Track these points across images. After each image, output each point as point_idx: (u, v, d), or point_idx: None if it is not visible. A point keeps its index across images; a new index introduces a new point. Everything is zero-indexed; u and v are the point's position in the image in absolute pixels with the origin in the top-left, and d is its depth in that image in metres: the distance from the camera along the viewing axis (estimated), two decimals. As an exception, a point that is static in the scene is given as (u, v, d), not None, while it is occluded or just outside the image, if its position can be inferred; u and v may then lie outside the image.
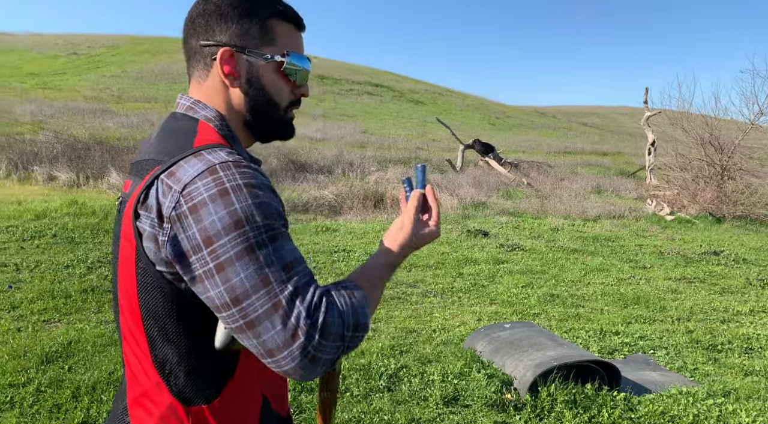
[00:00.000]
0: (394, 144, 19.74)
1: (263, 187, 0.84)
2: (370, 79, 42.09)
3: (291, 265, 0.82)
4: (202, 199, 0.80)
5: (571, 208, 11.05)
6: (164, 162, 0.86)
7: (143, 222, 0.84)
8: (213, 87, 0.97)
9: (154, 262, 0.85)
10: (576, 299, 5.37)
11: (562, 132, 36.84)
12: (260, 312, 0.79)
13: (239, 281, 0.79)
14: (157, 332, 0.89)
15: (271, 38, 0.96)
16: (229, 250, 0.79)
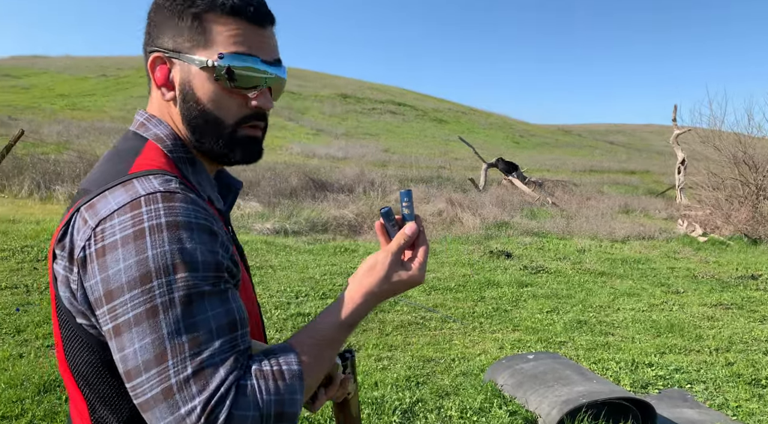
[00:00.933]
0: (416, 163, 19.60)
1: (194, 229, 0.66)
2: (393, 98, 42.24)
3: (203, 338, 0.63)
4: (112, 241, 0.64)
5: (598, 229, 10.71)
6: (91, 192, 0.71)
7: (58, 263, 0.70)
8: (156, 99, 0.82)
9: (72, 312, 0.70)
10: (605, 326, 5.08)
11: (588, 150, 36.31)
12: (149, 397, 0.62)
13: (132, 353, 0.62)
14: (91, 393, 0.73)
15: (206, 39, 0.77)
16: (129, 310, 0.63)
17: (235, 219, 9.25)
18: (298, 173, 12.75)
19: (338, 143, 22.71)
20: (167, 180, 0.71)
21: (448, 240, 9.26)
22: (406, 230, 0.81)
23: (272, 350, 0.71)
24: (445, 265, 7.31)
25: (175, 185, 0.70)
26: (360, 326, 4.69)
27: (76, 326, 0.71)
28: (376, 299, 0.79)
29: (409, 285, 0.81)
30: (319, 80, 44.88)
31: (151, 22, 0.81)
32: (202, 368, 0.63)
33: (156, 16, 0.80)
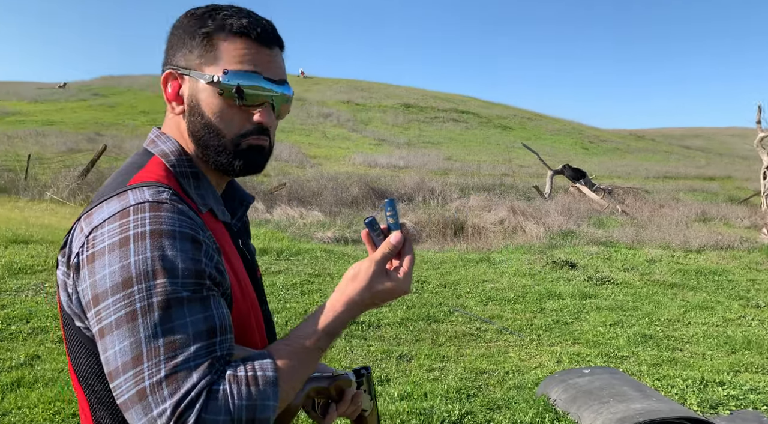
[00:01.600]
0: (479, 170, 19.36)
1: (177, 237, 0.69)
2: (456, 106, 42.00)
3: (179, 342, 0.66)
4: (101, 248, 0.69)
5: (671, 238, 10.15)
6: (93, 202, 0.76)
7: (59, 269, 0.76)
8: (168, 115, 0.88)
9: (71, 316, 0.76)
10: (673, 341, 4.80)
11: (662, 156, 34.58)
12: (126, 397, 0.65)
13: (113, 355, 0.66)
14: (90, 393, 0.78)
15: (214, 56, 0.82)
16: (111, 314, 0.66)
17: (297, 228, 9.49)
18: (359, 183, 12.92)
19: (400, 152, 22.82)
20: (159, 191, 0.74)
21: (509, 250, 9.07)
22: (391, 239, 0.80)
23: (250, 356, 0.72)
24: (505, 275, 7.17)
25: (165, 196, 0.73)
26: (413, 336, 4.68)
27: (75, 329, 0.76)
28: (358, 308, 0.79)
29: (393, 295, 0.80)
30: (382, 91, 45.35)
31: (168, 43, 0.87)
32: (175, 371, 0.65)
33: (172, 37, 0.86)
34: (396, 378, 3.79)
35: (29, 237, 7.02)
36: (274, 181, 13.15)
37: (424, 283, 6.44)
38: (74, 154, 16.32)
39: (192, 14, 0.85)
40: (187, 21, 0.84)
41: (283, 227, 9.43)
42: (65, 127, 23.31)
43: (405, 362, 4.13)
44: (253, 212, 10.33)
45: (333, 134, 27.87)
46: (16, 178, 11.95)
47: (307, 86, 45.51)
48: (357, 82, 50.79)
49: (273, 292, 5.68)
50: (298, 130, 28.09)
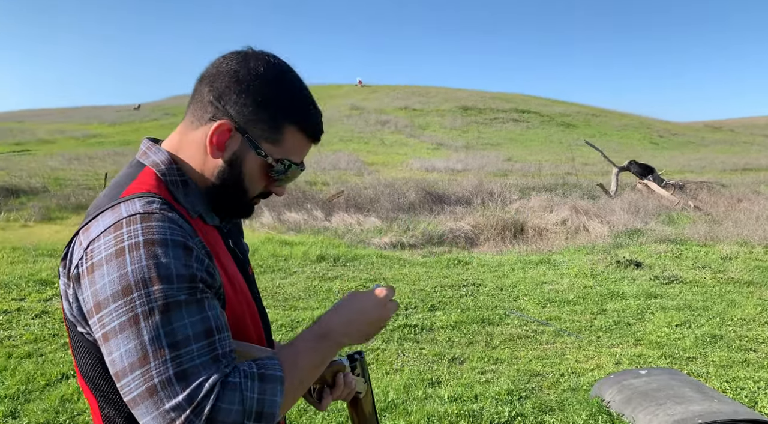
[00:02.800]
0: (540, 170, 18.91)
1: (168, 245, 0.74)
2: (516, 106, 41.24)
3: (181, 342, 0.72)
4: (99, 259, 0.74)
5: (750, 233, 9.51)
6: (90, 215, 0.83)
7: (61, 280, 0.82)
8: (197, 141, 0.90)
9: (74, 322, 0.82)
10: (746, 342, 4.51)
11: (742, 147, 32.46)
12: (135, 395, 0.71)
13: (119, 356, 0.72)
14: (97, 393, 0.85)
15: (277, 139, 0.89)
16: (114, 319, 0.72)
17: (355, 234, 9.63)
18: (416, 188, 12.93)
19: (458, 156, 22.66)
20: (149, 201, 0.79)
21: (571, 250, 8.80)
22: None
23: (260, 358, 0.80)
24: (565, 276, 6.97)
25: (155, 206, 0.78)
26: (467, 338, 4.65)
27: (78, 334, 0.83)
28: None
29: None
30: (440, 95, 45.22)
31: (228, 82, 0.87)
32: (182, 368, 0.71)
33: (239, 85, 0.86)
34: (447, 380, 3.78)
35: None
36: (333, 190, 13.39)
37: (480, 286, 6.37)
38: (148, 172, 17.28)
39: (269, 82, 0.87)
40: (261, 86, 0.86)
41: (341, 234, 9.59)
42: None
43: (457, 364, 4.11)
44: (312, 220, 10.58)
45: (391, 141, 28.06)
46: (95, 196, 12.81)
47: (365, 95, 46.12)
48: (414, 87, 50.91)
49: (329, 297, 5.80)
50: (357, 138, 28.48)
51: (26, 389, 3.55)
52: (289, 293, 5.92)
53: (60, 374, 3.75)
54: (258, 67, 0.87)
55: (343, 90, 51.14)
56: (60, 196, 12.08)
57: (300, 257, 7.53)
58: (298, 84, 0.91)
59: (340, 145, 25.91)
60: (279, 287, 6.13)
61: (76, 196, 12.22)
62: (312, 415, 3.21)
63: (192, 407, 0.69)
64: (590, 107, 46.95)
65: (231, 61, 0.88)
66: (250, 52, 0.90)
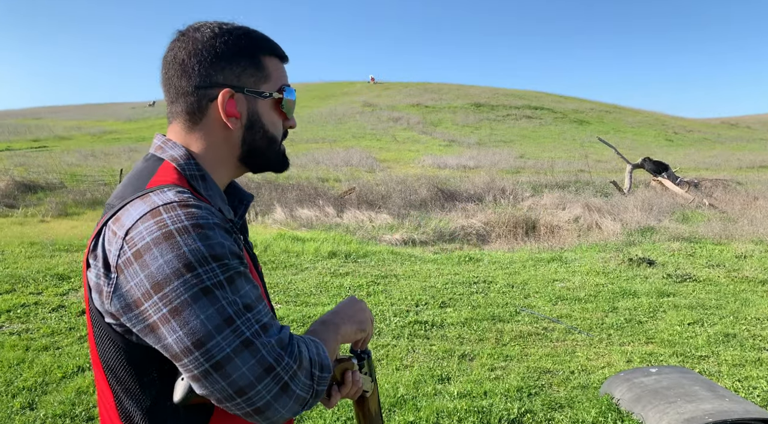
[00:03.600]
0: (552, 167, 18.80)
1: (213, 227, 0.79)
2: (528, 102, 40.98)
3: (253, 304, 0.79)
4: (145, 244, 0.76)
5: (766, 232, 9.40)
6: (115, 206, 0.84)
7: (92, 271, 0.82)
8: (207, 128, 0.93)
9: (102, 314, 0.83)
10: (759, 341, 4.47)
11: (760, 144, 32.00)
12: (228, 351, 0.75)
13: (200, 323, 0.74)
14: (117, 386, 0.86)
15: (266, 75, 0.95)
16: (182, 293, 0.74)
17: (366, 231, 9.66)
18: (428, 185, 12.93)
19: (470, 152, 22.58)
20: (180, 191, 0.82)
21: (583, 248, 8.76)
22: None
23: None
24: (577, 274, 6.94)
25: (187, 196, 0.82)
26: (477, 335, 4.66)
27: (105, 325, 0.84)
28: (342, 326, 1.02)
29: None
30: (453, 92, 45.07)
31: (197, 60, 0.90)
32: (262, 323, 0.79)
33: (207, 55, 0.90)
34: (456, 377, 3.80)
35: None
36: (344, 186, 13.43)
37: (491, 283, 6.37)
38: (162, 168, 17.45)
39: (224, 35, 0.91)
40: (223, 41, 0.90)
41: (352, 230, 9.63)
42: (154, 143, 24.96)
43: (467, 361, 4.12)
44: (324, 217, 10.62)
45: (403, 137, 28.04)
46: (111, 191, 12.99)
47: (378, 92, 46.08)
48: (427, 84, 50.79)
49: (340, 293, 5.83)
50: (369, 135, 28.49)
51: (43, 381, 3.62)
52: (301, 288, 5.96)
53: (76, 366, 3.82)
54: (204, 31, 0.91)
55: (356, 87, 51.10)
56: (76, 192, 12.25)
57: (312, 253, 7.57)
58: (232, 22, 0.95)
59: (352, 141, 25.95)
60: (291, 283, 6.17)
61: (92, 191, 12.37)
62: (321, 410, 3.24)
63: (284, 349, 0.79)
64: (604, 104, 46.53)
65: (180, 47, 0.91)
66: (183, 30, 0.94)
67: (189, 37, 0.91)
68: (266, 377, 0.76)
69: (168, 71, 0.92)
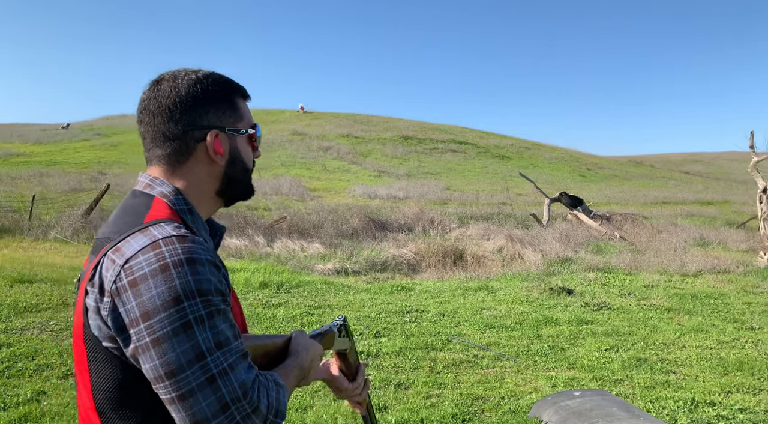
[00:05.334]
0: (477, 200, 19.56)
1: (205, 263, 0.86)
2: (454, 137, 42.54)
3: (225, 342, 0.86)
4: (142, 274, 0.83)
5: (669, 263, 10.25)
6: (114, 239, 0.90)
7: (89, 297, 0.88)
8: (192, 166, 1.01)
9: (99, 337, 0.88)
10: (667, 364, 4.88)
11: (661, 181, 34.83)
12: (194, 385, 0.82)
13: (175, 356, 0.82)
14: (108, 408, 0.90)
15: (239, 115, 1.07)
16: (166, 325, 0.81)
17: (298, 261, 9.62)
18: (359, 214, 13.08)
19: (399, 183, 23.07)
20: (177, 226, 0.90)
21: (507, 277, 9.16)
22: None
23: (265, 372, 0.96)
24: (503, 303, 7.25)
25: (183, 231, 0.90)
26: (411, 364, 4.76)
27: (101, 349, 0.88)
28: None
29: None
30: (382, 124, 45.99)
31: (183, 107, 0.99)
32: (229, 362, 0.85)
33: (191, 101, 0.99)
34: (393, 405, 3.87)
35: (34, 276, 7.15)
36: (275, 215, 13.32)
37: (423, 312, 6.53)
38: (77, 194, 16.56)
39: (203, 82, 1.01)
40: (203, 88, 1.01)
41: (284, 260, 9.55)
42: (68, 167, 23.68)
43: (403, 389, 4.21)
44: (254, 247, 10.47)
45: (333, 167, 28.21)
46: (21, 219, 12.13)
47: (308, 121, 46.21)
48: (356, 115, 51.52)
49: (273, 324, 5.77)
50: (299, 164, 28.45)
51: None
52: (233, 320, 5.85)
53: None
54: (184, 80, 1.00)
55: (285, 115, 51.04)
56: (-20, 218, 11.36)
57: (242, 284, 7.45)
58: (201, 69, 1.05)
59: (281, 169, 25.80)
60: (222, 314, 6.04)
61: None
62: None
63: (243, 393, 0.85)
64: (523, 140, 49.07)
65: (165, 95, 0.99)
66: (165, 76, 1.02)
67: (170, 87, 1.00)
68: (221, 414, 0.83)
69: (153, 119, 1.00)
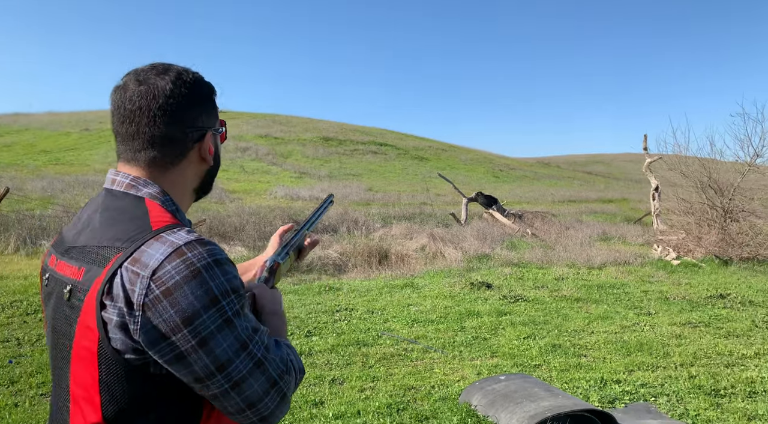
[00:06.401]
0: (399, 200, 19.97)
1: (228, 262, 0.92)
2: (374, 138, 43.02)
3: (257, 326, 0.94)
4: (175, 282, 0.84)
5: (576, 257, 11.03)
6: (124, 249, 0.88)
7: (109, 312, 0.86)
8: (184, 167, 1.03)
9: (120, 350, 0.87)
10: (578, 349, 5.32)
11: (567, 181, 37.10)
12: (244, 372, 0.90)
13: (222, 351, 0.88)
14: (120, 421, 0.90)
15: (217, 114, 1.11)
16: (209, 325, 0.87)
17: (221, 264, 9.43)
18: (282, 216, 13.00)
19: (322, 185, 23.06)
20: (189, 231, 0.92)
21: (431, 274, 9.50)
22: None
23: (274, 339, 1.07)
24: (427, 298, 7.54)
25: (198, 234, 0.92)
26: (344, 360, 4.88)
27: (120, 362, 0.87)
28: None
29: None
30: (302, 125, 45.61)
31: (179, 109, 0.98)
32: (266, 344, 0.94)
33: (186, 103, 0.99)
34: (330, 400, 3.98)
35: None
36: (193, 219, 12.93)
37: (353, 310, 6.67)
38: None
39: (193, 83, 1.01)
40: (192, 89, 1.01)
41: (207, 264, 9.34)
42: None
43: (337, 385, 4.32)
44: (174, 250, 10.14)
45: (252, 168, 27.68)
46: None
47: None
48: (275, 115, 50.76)
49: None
50: (216, 165, 27.61)
51: None
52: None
53: None
54: (183, 78, 1.00)
55: (200, 115, 49.24)
56: None
57: (165, 289, 7.22)
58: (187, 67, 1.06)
59: (197, 171, 24.92)
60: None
61: None
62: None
63: (285, 365, 0.96)
64: (440, 142, 50.48)
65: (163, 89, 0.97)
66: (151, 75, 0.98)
67: (168, 87, 0.98)
68: (272, 390, 0.92)
69: (150, 120, 0.96)
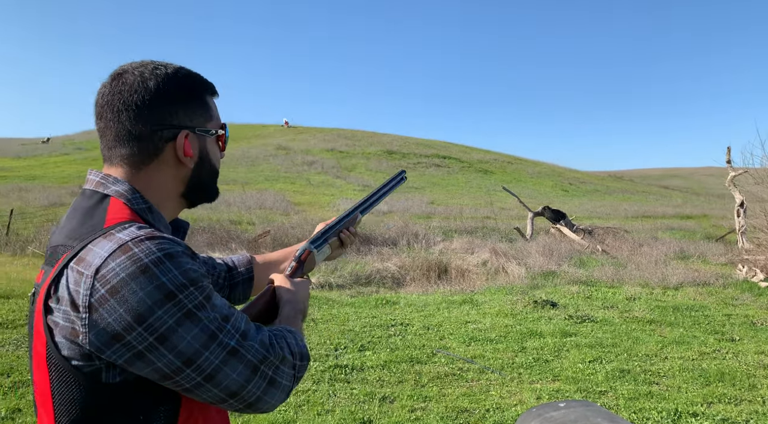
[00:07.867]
0: (461, 214, 19.65)
1: (183, 255, 0.83)
2: (437, 151, 42.81)
3: (230, 314, 0.87)
4: (120, 280, 0.78)
5: (650, 276, 10.36)
6: (73, 247, 0.83)
7: (55, 316, 0.81)
8: (158, 168, 0.95)
9: (68, 357, 0.81)
10: (649, 375, 4.91)
11: (641, 196, 35.34)
12: (217, 362, 0.82)
13: (187, 344, 0.80)
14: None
15: (210, 114, 1.01)
16: (167, 320, 0.79)
17: (281, 275, 9.54)
18: (343, 229, 13.04)
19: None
20: (141, 226, 0.85)
21: (492, 291, 9.19)
22: None
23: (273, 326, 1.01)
24: (487, 316, 7.26)
25: (150, 229, 0.85)
26: (396, 377, 4.73)
27: (69, 369, 0.81)
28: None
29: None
30: (366, 139, 46.13)
31: (150, 104, 0.91)
32: (242, 331, 0.86)
33: (160, 99, 0.92)
34: (378, 419, 3.84)
35: (10, 292, 7.00)
36: (259, 229, 13.23)
37: (408, 325, 6.51)
38: (57, 209, 16.30)
39: (173, 77, 0.94)
40: (174, 84, 0.94)
41: (268, 274, 9.48)
42: (48, 181, 23.32)
43: (388, 403, 4.18)
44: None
45: (317, 181, 28.18)
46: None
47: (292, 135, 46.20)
48: (341, 130, 51.66)
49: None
50: (283, 178, 28.37)
51: None
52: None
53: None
54: (155, 72, 0.93)
55: (269, 130, 50.97)
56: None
57: (225, 298, 7.36)
58: (174, 64, 0.98)
59: (265, 184, 25.69)
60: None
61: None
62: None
63: (266, 349, 0.88)
64: (506, 155, 49.55)
65: (131, 91, 0.91)
66: (128, 67, 0.94)
67: (136, 81, 0.92)
68: (254, 376, 0.85)
69: (116, 115, 0.92)
